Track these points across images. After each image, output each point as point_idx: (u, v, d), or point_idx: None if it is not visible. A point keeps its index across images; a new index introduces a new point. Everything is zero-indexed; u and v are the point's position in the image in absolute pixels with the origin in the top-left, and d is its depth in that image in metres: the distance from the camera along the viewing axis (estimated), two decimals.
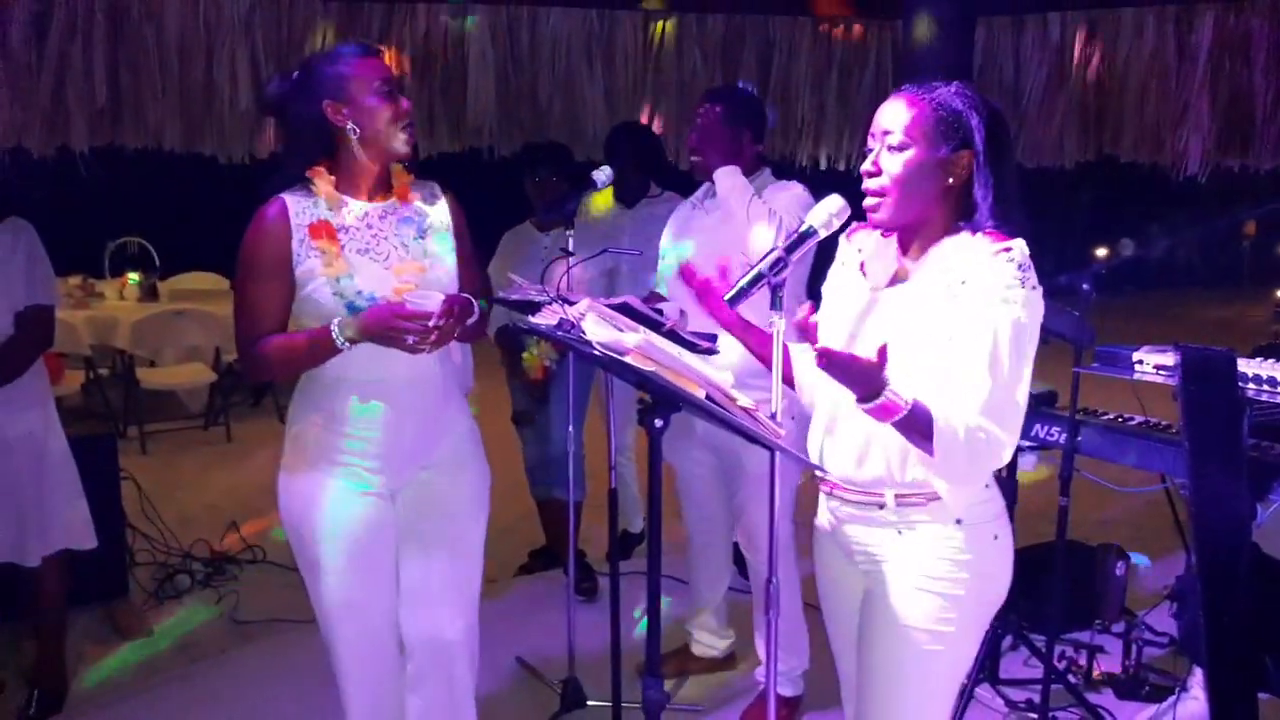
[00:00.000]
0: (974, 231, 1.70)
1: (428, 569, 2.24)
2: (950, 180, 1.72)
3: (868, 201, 1.76)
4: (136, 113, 4.14)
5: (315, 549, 2.16)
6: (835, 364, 1.57)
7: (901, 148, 1.71)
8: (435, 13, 4.59)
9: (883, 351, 1.57)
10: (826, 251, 1.99)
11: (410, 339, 1.97)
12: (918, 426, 1.61)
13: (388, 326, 1.97)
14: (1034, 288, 1.65)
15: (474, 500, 2.31)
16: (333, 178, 2.13)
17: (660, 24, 4.77)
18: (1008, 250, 1.64)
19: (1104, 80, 4.55)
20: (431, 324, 1.96)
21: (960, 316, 1.65)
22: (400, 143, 2.12)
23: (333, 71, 2.07)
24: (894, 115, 1.73)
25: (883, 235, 1.86)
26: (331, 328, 2.01)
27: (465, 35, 4.63)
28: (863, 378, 1.58)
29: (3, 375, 2.82)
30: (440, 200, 2.25)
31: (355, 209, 2.14)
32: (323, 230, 2.08)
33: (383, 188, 2.19)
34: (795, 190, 2.84)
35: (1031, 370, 1.68)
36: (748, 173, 2.86)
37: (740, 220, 2.73)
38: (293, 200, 2.10)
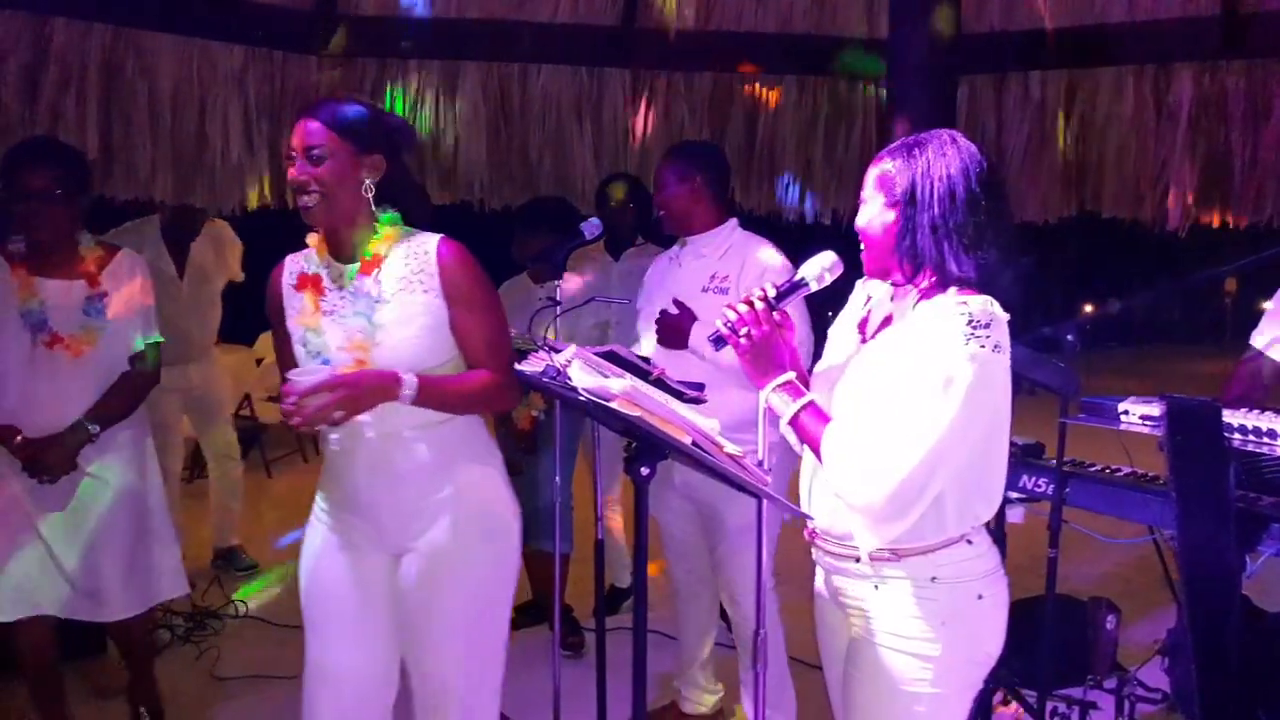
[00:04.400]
0: (947, 288, 1.68)
1: (425, 662, 2.15)
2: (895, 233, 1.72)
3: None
4: (128, 166, 4.14)
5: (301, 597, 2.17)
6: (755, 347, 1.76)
7: (861, 202, 1.79)
8: (427, 69, 4.64)
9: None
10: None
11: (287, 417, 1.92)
12: (814, 426, 1.72)
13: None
14: (984, 346, 1.58)
15: (476, 598, 2.13)
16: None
17: (648, 82, 4.83)
18: (964, 304, 1.61)
19: (1085, 137, 4.62)
20: (289, 402, 1.86)
21: (906, 367, 1.63)
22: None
23: None
24: (868, 173, 1.79)
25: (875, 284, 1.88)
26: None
27: (457, 91, 4.68)
28: (771, 362, 1.75)
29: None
30: (429, 261, 2.05)
31: (333, 271, 2.11)
32: (307, 283, 2.10)
33: (357, 247, 2.09)
34: (770, 253, 2.90)
35: (991, 430, 1.67)
36: (715, 222, 2.92)
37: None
38: (291, 258, 2.17)
